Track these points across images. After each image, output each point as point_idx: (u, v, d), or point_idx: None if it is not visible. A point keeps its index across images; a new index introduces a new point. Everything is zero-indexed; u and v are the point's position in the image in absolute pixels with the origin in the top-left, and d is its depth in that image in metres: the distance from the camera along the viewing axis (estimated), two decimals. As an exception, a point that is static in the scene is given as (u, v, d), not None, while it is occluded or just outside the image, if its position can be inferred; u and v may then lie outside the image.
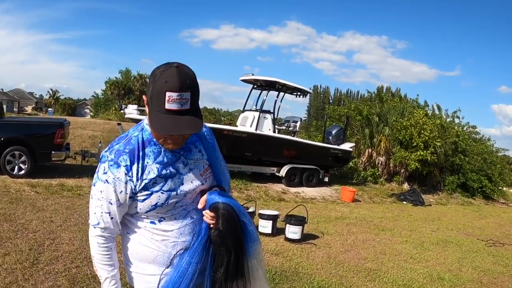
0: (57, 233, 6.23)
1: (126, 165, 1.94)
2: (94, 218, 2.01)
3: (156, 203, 1.99)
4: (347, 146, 15.95)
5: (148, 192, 1.97)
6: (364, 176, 18.16)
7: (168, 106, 1.78)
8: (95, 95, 72.32)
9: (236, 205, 2.09)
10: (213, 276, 2.08)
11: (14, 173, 9.89)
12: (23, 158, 9.95)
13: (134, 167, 1.95)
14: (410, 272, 6.43)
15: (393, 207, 13.65)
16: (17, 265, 4.86)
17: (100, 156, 2.03)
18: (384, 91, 26.40)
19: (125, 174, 1.94)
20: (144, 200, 1.98)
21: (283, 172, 14.21)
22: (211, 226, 2.05)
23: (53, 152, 10.29)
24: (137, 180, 1.96)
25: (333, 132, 16.18)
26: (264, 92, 14.96)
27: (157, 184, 1.98)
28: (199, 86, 1.91)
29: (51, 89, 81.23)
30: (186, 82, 1.80)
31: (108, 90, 63.70)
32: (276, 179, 14.45)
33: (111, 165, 1.95)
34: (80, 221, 6.97)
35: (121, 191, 1.95)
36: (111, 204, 1.97)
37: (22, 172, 9.95)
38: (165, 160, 2.01)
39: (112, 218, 2.00)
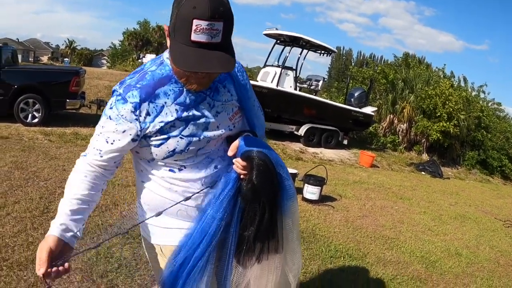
0: (69, 182, 6.06)
1: (135, 102, 1.68)
2: (86, 150, 1.81)
3: (174, 149, 1.75)
4: (369, 110, 15.57)
5: (165, 137, 1.73)
6: (384, 143, 17.78)
7: (194, 37, 1.48)
8: (112, 46, 71.76)
9: (273, 154, 1.81)
10: (240, 234, 1.84)
11: (28, 121, 9.74)
12: (37, 106, 9.79)
13: (145, 105, 1.69)
14: (428, 244, 6.29)
15: (412, 176, 13.40)
16: (26, 214, 4.73)
17: (112, 89, 1.76)
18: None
19: (131, 112, 1.68)
20: (160, 145, 1.74)
21: (302, 131, 13.93)
22: (242, 177, 1.79)
23: (67, 100, 10.16)
24: (149, 122, 1.71)
25: (356, 95, 15.79)
26: (287, 48, 14.62)
27: (175, 128, 1.73)
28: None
29: (68, 39, 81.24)
30: (219, 9, 1.48)
31: (125, 41, 63.00)
32: (294, 138, 14.21)
33: (117, 100, 1.70)
34: (93, 170, 6.80)
35: (124, 131, 1.71)
36: (107, 142, 1.74)
37: (36, 120, 9.80)
38: (187, 101, 1.74)
39: (101, 157, 1.77)
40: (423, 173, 14.47)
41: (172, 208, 1.84)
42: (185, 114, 1.74)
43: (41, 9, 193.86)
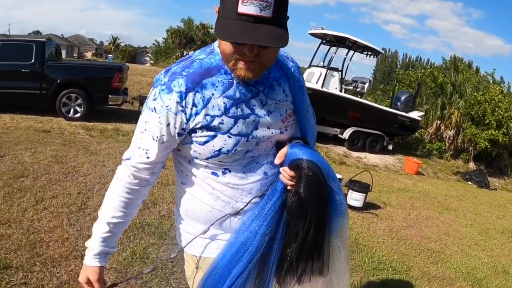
0: (108, 178, 6.03)
1: (180, 92, 1.52)
2: (128, 152, 1.64)
3: (221, 149, 1.57)
4: (415, 114, 15.09)
5: (211, 133, 1.56)
6: (430, 149, 17.21)
7: (242, 8, 1.32)
8: (156, 43, 73.30)
9: (324, 165, 1.60)
10: (283, 251, 1.65)
11: (70, 115, 9.97)
12: (79, 101, 9.99)
13: (190, 95, 1.53)
14: (474, 260, 5.99)
15: (458, 186, 12.95)
16: (63, 209, 4.72)
17: (155, 79, 1.62)
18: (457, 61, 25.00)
19: (177, 102, 1.52)
20: (205, 142, 1.57)
21: (346, 134, 13.69)
22: (289, 188, 1.60)
23: (110, 96, 10.31)
24: (195, 114, 1.54)
25: (402, 98, 15.36)
26: (333, 49, 14.37)
27: (223, 124, 1.56)
28: None
29: (112, 36, 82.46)
30: None
31: (169, 39, 64.14)
32: (338, 141, 13.99)
33: (162, 90, 1.54)
34: (134, 166, 6.82)
35: (169, 124, 1.54)
36: (153, 140, 1.58)
37: (78, 115, 10.04)
38: (237, 95, 1.57)
39: (148, 158, 1.60)
40: (469, 182, 13.96)
41: (209, 215, 1.69)
42: (233, 109, 1.57)
43: (86, 6, 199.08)
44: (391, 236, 6.16)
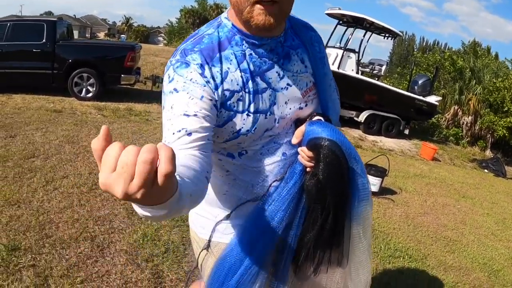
0: (120, 158, 5.99)
1: (198, 63, 1.32)
2: None
3: (240, 130, 1.42)
4: (433, 99, 14.82)
5: (230, 113, 1.39)
6: (446, 135, 16.98)
7: None
8: (169, 23, 73.30)
9: (346, 144, 1.45)
10: (300, 238, 1.53)
11: (82, 95, 9.93)
12: (91, 80, 9.94)
13: (207, 68, 1.34)
14: (491, 250, 5.86)
15: (474, 174, 12.73)
16: (74, 189, 4.67)
17: (165, 67, 1.39)
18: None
19: (199, 74, 1.31)
20: (223, 124, 1.40)
21: (362, 117, 13.52)
22: (308, 170, 1.47)
23: (122, 75, 10.24)
24: (215, 88, 1.34)
25: (420, 82, 15.05)
26: (350, 30, 14.14)
27: (241, 101, 1.40)
28: None
29: (125, 16, 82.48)
30: None
31: (183, 19, 64.08)
32: (353, 124, 13.85)
33: (177, 67, 1.33)
34: (146, 146, 6.81)
35: (202, 96, 1.29)
36: (188, 116, 1.25)
37: (90, 94, 10.00)
38: (251, 67, 1.41)
39: (190, 135, 1.22)
40: (486, 170, 13.70)
41: (223, 199, 1.60)
42: (250, 83, 1.41)
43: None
44: (407, 223, 6.06)
